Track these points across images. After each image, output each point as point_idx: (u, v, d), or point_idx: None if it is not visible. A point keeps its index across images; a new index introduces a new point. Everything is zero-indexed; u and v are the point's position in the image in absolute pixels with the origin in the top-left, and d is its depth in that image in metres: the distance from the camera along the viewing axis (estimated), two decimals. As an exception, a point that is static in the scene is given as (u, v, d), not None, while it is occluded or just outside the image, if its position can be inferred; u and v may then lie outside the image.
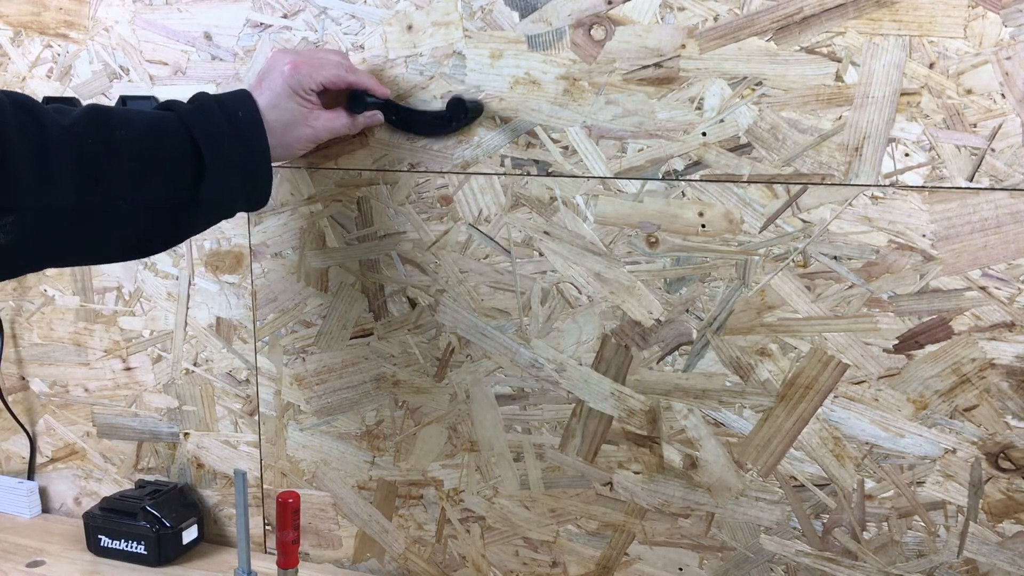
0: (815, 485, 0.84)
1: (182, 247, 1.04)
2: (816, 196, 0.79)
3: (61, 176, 0.70)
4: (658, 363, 0.87)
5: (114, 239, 0.76)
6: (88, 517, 1.07)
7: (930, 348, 0.78)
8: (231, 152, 0.78)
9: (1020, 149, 0.72)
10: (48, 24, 1.04)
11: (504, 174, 0.88)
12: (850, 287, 0.79)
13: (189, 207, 0.78)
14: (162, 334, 1.08)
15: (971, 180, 0.74)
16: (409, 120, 0.90)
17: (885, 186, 0.76)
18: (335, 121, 0.86)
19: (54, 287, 1.12)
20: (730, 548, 0.89)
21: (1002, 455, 0.78)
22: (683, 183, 0.83)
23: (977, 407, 0.78)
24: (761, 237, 0.81)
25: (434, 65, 0.88)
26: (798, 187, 0.79)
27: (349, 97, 0.86)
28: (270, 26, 0.94)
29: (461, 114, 0.86)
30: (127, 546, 1.05)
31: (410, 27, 0.89)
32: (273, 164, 0.82)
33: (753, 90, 0.79)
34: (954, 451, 0.79)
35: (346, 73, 0.84)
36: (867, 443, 0.82)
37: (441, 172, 0.91)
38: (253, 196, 0.82)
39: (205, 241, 1.03)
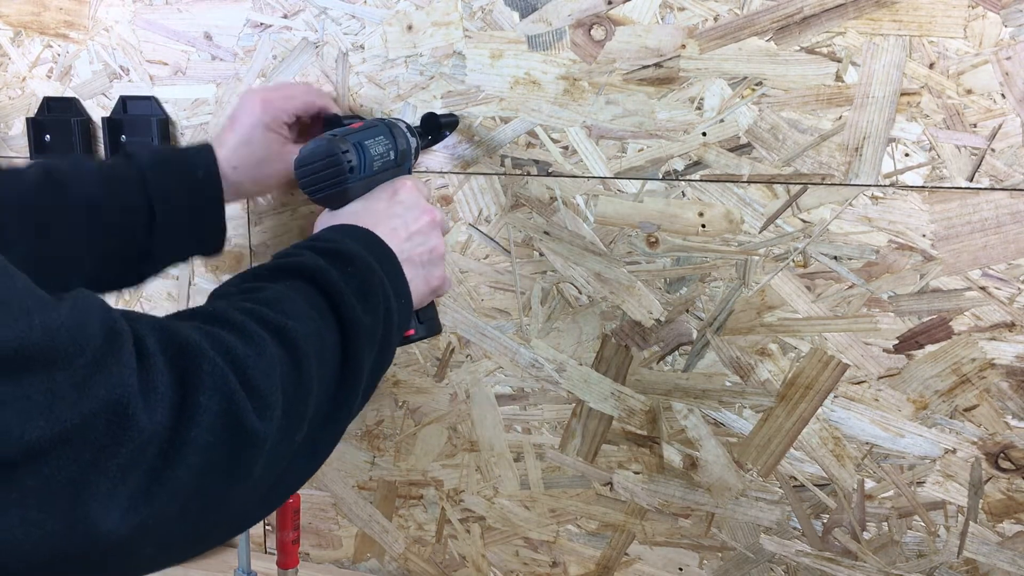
0: (815, 485, 0.84)
1: (182, 247, 1.04)
2: (816, 196, 0.79)
3: (10, 234, 0.72)
4: (658, 363, 0.87)
5: (67, 280, 0.77)
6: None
7: (930, 348, 0.78)
8: (184, 213, 0.80)
9: (1020, 149, 0.72)
10: (48, 24, 1.04)
11: (504, 174, 0.88)
12: (850, 287, 0.79)
13: (142, 258, 0.80)
14: (162, 334, 1.08)
15: (971, 180, 0.74)
16: None
17: (885, 186, 0.77)
18: None
19: (54, 287, 1.12)
20: (730, 548, 0.89)
21: (1002, 455, 0.78)
22: (683, 183, 0.83)
23: (977, 407, 0.78)
24: (761, 237, 0.81)
25: (434, 65, 0.88)
26: (798, 187, 0.79)
27: (324, 124, 0.86)
28: (270, 26, 0.94)
29: (435, 129, 0.86)
30: (127, 546, 1.05)
31: (410, 27, 0.89)
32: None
33: (753, 90, 0.79)
34: (954, 451, 0.79)
35: (316, 97, 0.84)
36: (867, 443, 0.82)
37: (441, 172, 0.91)
38: (207, 249, 0.84)
39: (205, 241, 1.03)
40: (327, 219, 0.74)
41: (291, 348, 0.54)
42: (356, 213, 0.72)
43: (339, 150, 0.72)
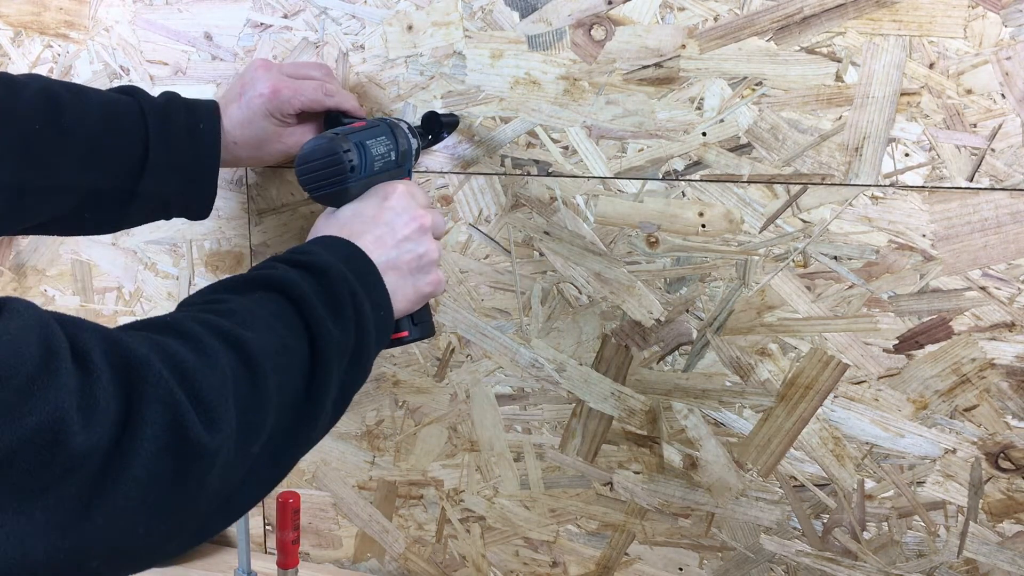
0: (815, 485, 0.84)
1: (182, 247, 1.04)
2: (816, 196, 0.79)
3: (2, 154, 0.71)
4: (658, 363, 0.87)
5: (48, 214, 0.77)
6: (88, 517, 1.07)
7: (930, 348, 0.78)
8: (179, 158, 0.79)
9: (1020, 149, 0.72)
10: (48, 24, 1.04)
11: (504, 174, 0.88)
12: (850, 287, 0.79)
13: (125, 199, 0.78)
14: (162, 334, 1.07)
15: (971, 180, 0.74)
16: None
17: (885, 186, 0.77)
18: (308, 136, 0.84)
19: (54, 287, 1.12)
20: (730, 548, 0.89)
21: (1002, 455, 0.78)
22: (683, 183, 0.83)
23: (977, 407, 0.78)
24: (761, 237, 0.81)
25: (434, 65, 0.88)
26: (798, 187, 0.79)
27: (326, 118, 0.85)
28: (270, 26, 0.94)
29: (436, 129, 0.86)
30: (127, 546, 1.05)
31: (410, 27, 0.89)
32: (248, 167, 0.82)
33: (753, 90, 0.79)
34: (954, 451, 0.79)
35: (324, 97, 0.82)
36: (867, 443, 0.82)
37: (441, 172, 0.91)
38: (192, 206, 0.83)
39: (205, 241, 1.03)
40: (323, 221, 0.74)
41: (247, 360, 0.54)
42: (346, 220, 0.72)
43: (341, 149, 0.71)
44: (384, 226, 0.71)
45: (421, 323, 0.77)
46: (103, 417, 0.44)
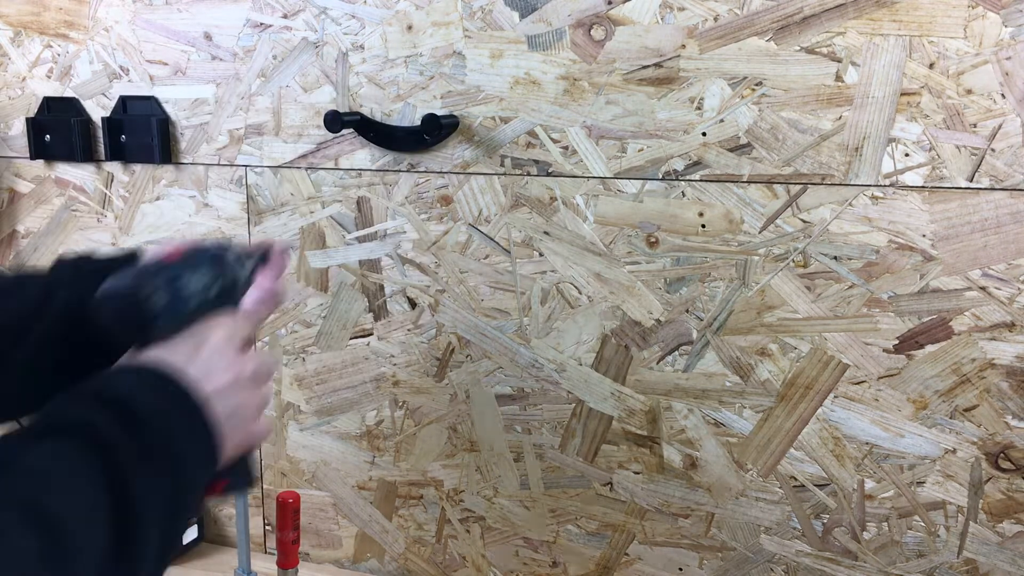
0: (815, 485, 0.84)
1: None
2: (816, 196, 0.79)
3: None
4: (658, 363, 0.87)
5: None
6: (88, 517, 1.07)
7: (930, 348, 0.78)
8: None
9: (1020, 149, 0.72)
10: (48, 24, 1.04)
11: (504, 174, 0.88)
12: (850, 287, 0.79)
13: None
14: (162, 334, 1.08)
15: (971, 180, 0.74)
16: (385, 136, 0.91)
17: (885, 186, 0.77)
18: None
19: (54, 287, 1.12)
20: (730, 548, 0.89)
21: (1002, 455, 0.78)
22: (683, 183, 0.83)
23: (977, 407, 0.78)
24: (761, 237, 0.81)
25: (434, 65, 0.88)
26: (798, 187, 0.79)
27: (326, 116, 0.84)
28: (270, 26, 0.94)
29: (435, 130, 0.86)
30: (127, 546, 1.05)
31: (410, 27, 0.89)
32: None
33: (753, 90, 0.79)
34: (954, 451, 0.79)
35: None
36: (867, 443, 0.82)
37: (441, 172, 0.91)
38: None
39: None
40: (128, 361, 0.62)
41: (44, 528, 0.47)
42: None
43: (142, 290, 0.59)
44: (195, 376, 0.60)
45: (235, 475, 0.66)
46: None
